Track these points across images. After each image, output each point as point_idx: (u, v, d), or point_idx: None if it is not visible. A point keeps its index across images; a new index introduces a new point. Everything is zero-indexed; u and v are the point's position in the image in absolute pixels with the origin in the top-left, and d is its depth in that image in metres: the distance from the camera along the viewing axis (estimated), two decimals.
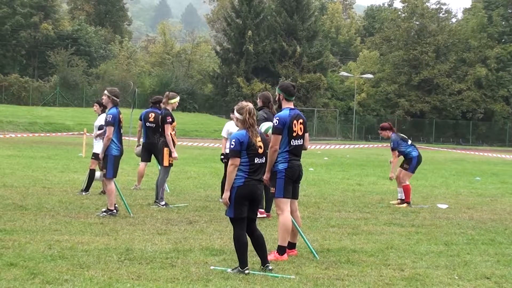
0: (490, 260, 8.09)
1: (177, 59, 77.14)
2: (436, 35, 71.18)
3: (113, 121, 10.48)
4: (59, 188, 13.88)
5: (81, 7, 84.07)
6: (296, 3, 68.81)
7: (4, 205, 11.01)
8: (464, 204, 13.96)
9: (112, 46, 77.70)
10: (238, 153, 6.94)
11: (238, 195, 6.91)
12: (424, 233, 9.95)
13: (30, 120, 50.88)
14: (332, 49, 79.42)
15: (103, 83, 67.12)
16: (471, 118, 71.35)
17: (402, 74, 71.69)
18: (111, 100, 10.64)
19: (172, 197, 13.10)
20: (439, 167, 26.70)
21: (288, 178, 7.80)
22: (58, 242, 8.14)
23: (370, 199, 14.18)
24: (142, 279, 6.55)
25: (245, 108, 7.06)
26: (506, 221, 11.62)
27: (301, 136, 7.95)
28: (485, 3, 74.69)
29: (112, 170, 10.52)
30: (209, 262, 7.35)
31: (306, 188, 15.59)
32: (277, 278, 6.77)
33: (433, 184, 18.54)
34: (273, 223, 9.97)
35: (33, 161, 20.97)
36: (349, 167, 24.50)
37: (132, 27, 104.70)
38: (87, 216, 10.29)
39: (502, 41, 73.90)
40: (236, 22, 68.97)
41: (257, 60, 67.50)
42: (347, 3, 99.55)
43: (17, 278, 6.37)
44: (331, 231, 9.79)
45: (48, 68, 71.97)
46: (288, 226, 7.78)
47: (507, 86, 70.99)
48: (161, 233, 9.06)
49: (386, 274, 7.15)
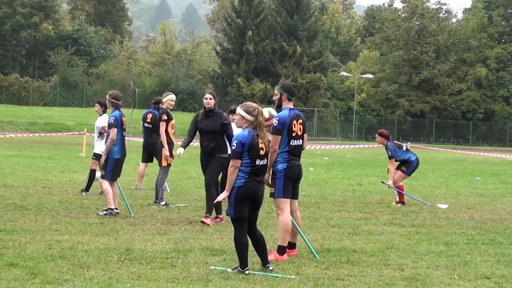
0: (490, 260, 8.09)
1: (177, 59, 77.14)
2: (436, 35, 71.19)
3: (116, 123, 10.55)
4: (59, 188, 13.88)
5: (81, 7, 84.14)
6: (296, 3, 68.79)
7: (4, 205, 11.01)
8: (464, 204, 13.97)
9: (112, 46, 77.74)
10: (239, 154, 6.91)
11: (239, 195, 6.90)
12: (424, 233, 9.95)
13: (30, 120, 50.89)
14: (332, 49, 79.43)
15: (103, 83, 67.24)
16: (471, 118, 71.35)
17: (402, 74, 71.69)
18: (112, 103, 10.75)
19: (172, 197, 13.10)
20: (439, 167, 26.70)
21: (288, 178, 7.80)
22: (58, 242, 8.14)
23: (370, 199, 14.18)
24: (142, 279, 6.55)
25: (257, 109, 7.03)
26: (506, 221, 11.62)
27: (300, 136, 7.94)
28: (485, 3, 74.69)
29: (110, 173, 10.60)
30: (209, 262, 7.35)
31: (306, 188, 15.59)
32: (277, 278, 6.77)
33: (433, 184, 18.54)
34: (273, 223, 9.97)
35: (33, 161, 20.98)
36: (349, 167, 24.50)
37: (132, 27, 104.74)
38: (87, 216, 10.29)
39: (502, 41, 73.90)
40: (236, 22, 68.96)
41: (257, 60, 67.49)
42: (347, 3, 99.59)
43: (17, 278, 6.38)
44: (331, 231, 9.79)
45: (48, 68, 72.01)
46: (288, 226, 7.78)
47: (507, 86, 70.99)
48: (161, 233, 9.06)
49: (386, 274, 7.15)
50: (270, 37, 68.47)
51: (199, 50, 79.18)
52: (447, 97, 70.78)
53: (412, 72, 71.15)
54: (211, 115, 10.24)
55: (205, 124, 10.24)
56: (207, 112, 10.27)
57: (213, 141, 10.13)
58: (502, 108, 71.57)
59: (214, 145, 10.12)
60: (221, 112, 10.39)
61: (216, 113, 10.27)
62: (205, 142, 10.23)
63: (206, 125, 10.22)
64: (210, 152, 10.17)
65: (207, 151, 10.21)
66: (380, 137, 13.53)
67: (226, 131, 10.19)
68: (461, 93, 70.61)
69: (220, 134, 10.17)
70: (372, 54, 75.00)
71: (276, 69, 67.19)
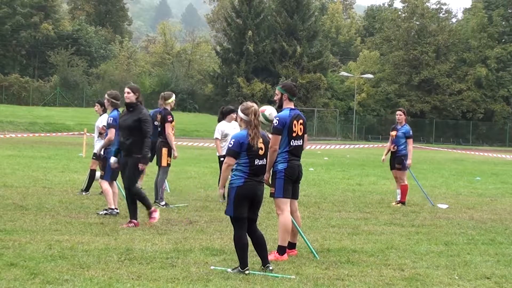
0: (490, 260, 8.09)
1: (177, 59, 77.11)
2: (436, 35, 71.18)
3: (114, 123, 10.57)
4: (59, 188, 13.88)
5: (81, 7, 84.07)
6: (296, 3, 68.79)
7: (4, 205, 11.01)
8: (464, 204, 13.97)
9: (112, 46, 77.72)
10: (235, 153, 6.92)
11: (238, 195, 6.90)
12: (424, 233, 9.95)
13: (30, 120, 50.89)
14: (332, 49, 79.42)
15: (103, 83, 67.22)
16: (471, 118, 71.34)
17: (402, 74, 71.68)
18: (110, 102, 10.79)
19: (172, 197, 13.10)
20: (439, 167, 26.71)
21: (288, 178, 7.80)
22: (58, 242, 8.14)
23: (370, 199, 14.18)
24: (142, 279, 6.56)
25: (251, 108, 7.03)
26: (506, 221, 11.63)
27: (301, 136, 7.95)
28: (485, 3, 74.67)
29: (109, 174, 10.64)
30: (209, 262, 7.35)
31: (306, 188, 15.59)
32: (277, 278, 6.77)
33: (433, 184, 18.54)
34: (273, 223, 9.97)
35: (33, 161, 20.97)
36: (349, 167, 24.50)
37: (132, 27, 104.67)
38: (87, 216, 10.29)
39: (502, 41, 73.87)
40: (236, 22, 68.97)
41: (257, 60, 67.49)
42: (347, 3, 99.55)
43: (17, 278, 6.38)
44: (331, 231, 9.80)
45: (48, 68, 72.00)
46: (288, 226, 7.78)
47: (507, 86, 70.97)
48: (161, 233, 9.06)
49: (386, 274, 7.16)
50: (270, 37, 68.49)
51: (199, 50, 79.14)
52: (447, 97, 70.78)
53: (412, 72, 71.14)
54: (131, 110, 9.72)
55: (123, 120, 9.76)
56: (127, 107, 9.78)
57: (129, 138, 9.59)
58: (502, 108, 71.56)
59: (130, 142, 9.58)
60: (142, 108, 9.79)
61: (136, 109, 9.71)
62: (122, 138, 9.74)
63: (124, 121, 9.72)
64: (126, 150, 9.65)
65: (124, 149, 9.70)
66: (404, 115, 13.53)
67: (142, 128, 9.58)
68: (461, 93, 70.60)
69: (136, 131, 9.58)
70: (372, 54, 74.99)
71: (276, 69, 67.21)
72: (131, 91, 9.70)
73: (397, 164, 13.40)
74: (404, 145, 13.40)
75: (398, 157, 13.37)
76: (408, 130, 13.46)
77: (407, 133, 13.42)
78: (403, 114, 13.56)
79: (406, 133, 13.40)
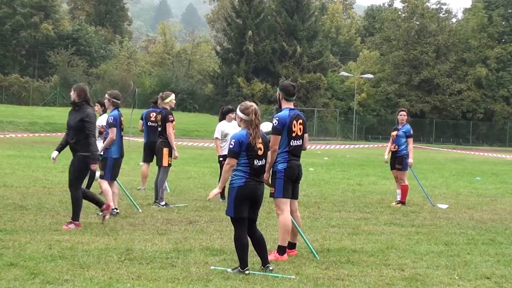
0: (490, 260, 8.09)
1: (177, 59, 77.11)
2: (436, 35, 71.17)
3: (114, 122, 10.63)
4: (59, 188, 13.88)
5: (81, 7, 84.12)
6: (296, 3, 68.79)
7: (4, 205, 11.02)
8: (464, 204, 13.97)
9: (112, 46, 77.73)
10: (236, 154, 6.92)
11: (239, 195, 6.90)
12: (424, 233, 9.95)
13: (31, 120, 50.87)
14: (332, 49, 79.38)
15: (103, 83, 67.19)
16: (471, 118, 71.33)
17: (402, 74, 71.68)
18: (111, 102, 10.81)
19: (172, 197, 13.10)
20: (439, 167, 26.70)
21: (288, 178, 7.80)
22: (58, 242, 8.14)
23: (370, 199, 14.18)
24: (142, 279, 6.55)
25: (251, 108, 7.02)
26: (506, 221, 11.62)
27: (300, 136, 7.94)
28: (485, 3, 74.67)
29: (110, 174, 10.67)
30: (209, 262, 7.34)
31: (306, 188, 15.59)
32: (277, 278, 6.77)
33: (433, 184, 18.53)
34: (273, 223, 9.97)
35: (33, 161, 20.97)
36: (349, 167, 24.50)
37: (132, 27, 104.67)
38: (87, 216, 10.29)
39: (502, 41, 73.88)
40: (236, 22, 68.96)
41: (257, 60, 67.48)
42: (347, 3, 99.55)
43: (17, 278, 6.38)
44: (331, 231, 9.79)
45: (48, 68, 72.00)
46: (288, 226, 7.78)
47: (507, 86, 70.98)
48: (161, 233, 9.06)
49: (386, 274, 7.15)
50: (270, 37, 68.47)
51: (199, 50, 79.11)
52: (447, 97, 70.76)
53: (412, 72, 71.13)
54: (76, 109, 9.73)
55: (69, 119, 9.81)
56: (73, 106, 9.81)
57: (73, 137, 9.61)
58: (502, 108, 71.55)
59: (74, 142, 9.59)
60: (86, 108, 9.71)
61: (81, 108, 9.67)
62: (68, 137, 9.78)
63: (69, 120, 9.79)
64: (72, 149, 9.67)
65: (70, 148, 9.72)
66: (407, 116, 13.59)
67: (85, 127, 9.50)
68: (461, 93, 70.59)
69: (80, 131, 9.54)
70: (372, 54, 74.98)
71: (276, 69, 67.20)
72: (72, 90, 9.77)
73: (398, 164, 13.41)
74: (405, 144, 13.42)
75: (399, 157, 13.38)
76: (409, 129, 13.50)
77: (408, 132, 13.46)
78: (406, 114, 13.62)
79: (406, 132, 13.44)
